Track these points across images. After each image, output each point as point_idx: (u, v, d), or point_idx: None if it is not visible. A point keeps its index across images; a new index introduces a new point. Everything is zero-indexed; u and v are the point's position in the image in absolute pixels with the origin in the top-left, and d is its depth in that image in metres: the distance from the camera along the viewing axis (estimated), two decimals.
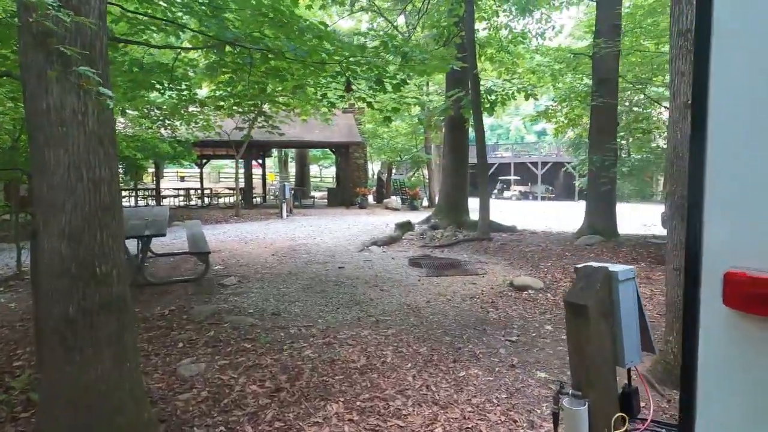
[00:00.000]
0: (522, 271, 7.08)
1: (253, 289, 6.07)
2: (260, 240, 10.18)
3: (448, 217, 10.93)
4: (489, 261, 7.92)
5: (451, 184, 11.18)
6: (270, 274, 6.87)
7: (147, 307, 5.39)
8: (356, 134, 19.80)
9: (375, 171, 30.75)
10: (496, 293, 5.90)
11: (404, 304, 5.49)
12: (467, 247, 9.10)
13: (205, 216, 15.25)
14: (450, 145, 11.23)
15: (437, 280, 6.59)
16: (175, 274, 6.79)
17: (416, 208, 19.43)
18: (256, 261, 7.76)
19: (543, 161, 35.88)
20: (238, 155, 15.63)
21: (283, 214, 15.15)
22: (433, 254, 8.57)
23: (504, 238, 9.72)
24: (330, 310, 5.31)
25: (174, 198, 20.33)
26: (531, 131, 69.06)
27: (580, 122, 11.55)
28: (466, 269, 7.19)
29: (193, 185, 27.66)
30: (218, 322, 4.88)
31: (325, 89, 5.43)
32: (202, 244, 6.37)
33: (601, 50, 8.45)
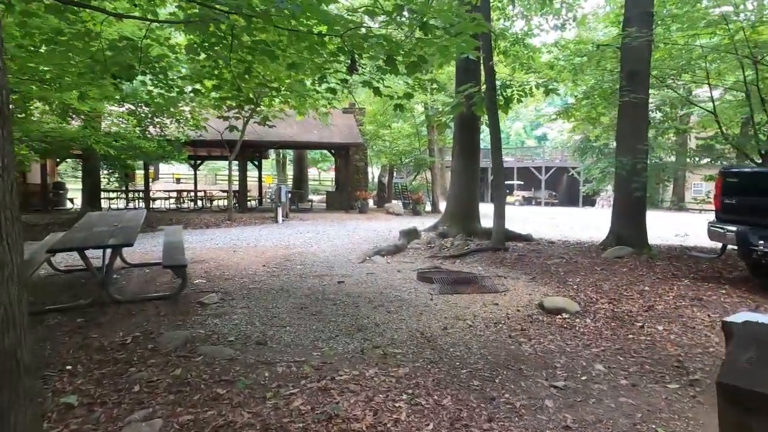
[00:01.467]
0: (548, 289, 6.16)
1: (236, 309, 5.14)
2: (251, 248, 9.25)
3: (458, 224, 10.02)
4: (508, 275, 7.00)
5: (461, 188, 10.27)
6: (258, 290, 5.94)
7: (107, 332, 4.46)
8: (357, 135, 18.91)
9: (376, 174, 29.89)
10: (524, 317, 4.98)
11: (417, 331, 4.57)
12: (481, 259, 8.18)
13: (195, 220, 14.33)
14: (460, 146, 10.33)
15: (452, 299, 5.67)
16: (148, 290, 5.86)
17: (419, 213, 18.52)
18: (243, 273, 6.83)
19: (547, 166, 35.11)
20: (231, 156, 14.73)
21: (278, 219, 14.23)
22: (444, 266, 7.65)
23: (521, 249, 8.80)
24: (327, 337, 4.39)
25: (165, 200, 19.41)
26: (531, 136, 68.33)
27: (600, 122, 10.66)
28: (483, 285, 6.28)
29: (189, 187, 26.74)
30: (189, 354, 3.95)
31: (324, 71, 4.54)
32: (179, 256, 5.45)
33: (633, 39, 7.57)
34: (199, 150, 21.05)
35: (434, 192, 20.23)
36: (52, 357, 3.95)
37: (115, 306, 5.17)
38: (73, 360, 3.88)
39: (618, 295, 5.71)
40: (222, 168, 39.06)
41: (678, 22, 8.30)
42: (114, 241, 4.88)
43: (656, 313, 5.09)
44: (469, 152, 10.30)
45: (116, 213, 7.16)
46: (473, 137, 10.31)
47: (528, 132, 69.52)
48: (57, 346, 4.17)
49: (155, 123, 14.28)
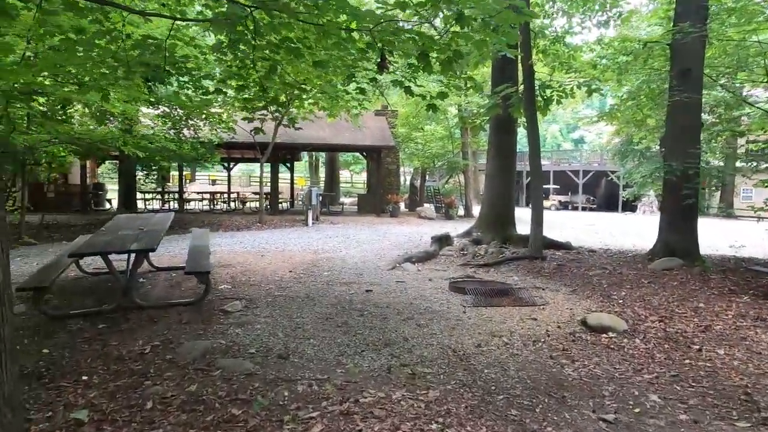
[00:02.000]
0: (591, 303, 5.72)
1: (260, 318, 4.94)
2: (279, 252, 9.10)
3: (492, 230, 9.61)
4: (546, 287, 6.58)
5: (496, 192, 9.86)
6: (283, 298, 5.74)
7: (127, 340, 4.33)
8: (388, 138, 18.66)
9: (408, 177, 29.59)
10: (566, 335, 4.59)
11: (448, 347, 4.25)
12: (517, 268, 7.77)
13: (227, 222, 14.36)
14: (496, 149, 9.92)
15: (487, 312, 5.32)
16: (172, 295, 5.74)
17: (451, 218, 18.12)
18: (270, 279, 6.66)
19: (584, 169, 34.02)
20: (263, 158, 14.71)
21: (308, 222, 14.10)
22: (477, 275, 7.28)
23: (559, 258, 8.33)
24: (352, 352, 4.12)
25: (199, 202, 19.63)
26: (568, 139, 66.64)
27: (646, 124, 10.06)
28: (520, 297, 5.90)
29: (224, 189, 27.05)
30: (207, 368, 3.75)
31: (352, 69, 4.29)
32: (203, 261, 5.30)
33: (685, 35, 7.03)
34: (233, 152, 21.25)
35: (467, 196, 19.78)
36: (70, 366, 3.82)
37: (138, 312, 5.05)
38: (90, 370, 3.74)
39: (669, 313, 5.24)
40: (256, 170, 39.56)
41: (734, 17, 7.69)
42: (137, 245, 4.76)
43: (714, 335, 4.61)
44: (504, 155, 9.89)
45: (144, 216, 7.11)
46: (509, 139, 9.89)
47: (564, 135, 67.85)
48: (76, 354, 4.05)
49: (189, 125, 14.41)
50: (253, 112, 6.51)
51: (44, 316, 4.82)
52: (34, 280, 4.79)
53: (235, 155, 22.17)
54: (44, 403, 3.25)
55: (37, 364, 3.83)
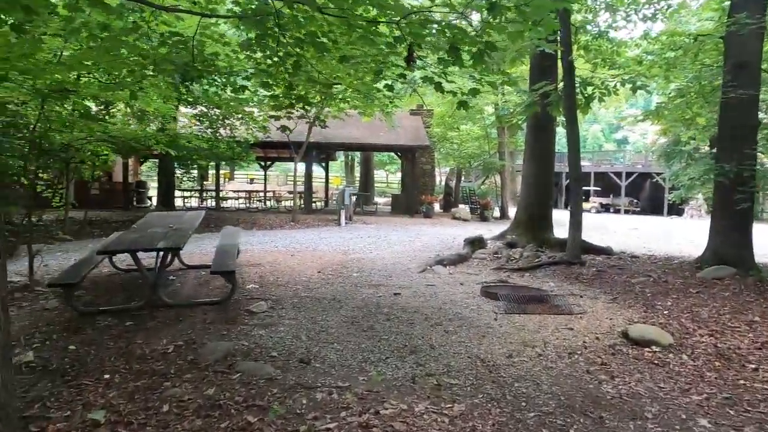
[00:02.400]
0: (633, 313, 5.37)
1: (284, 320, 4.85)
2: (309, 252, 9.04)
3: (528, 233, 9.26)
4: (584, 294, 6.24)
5: (532, 194, 9.50)
6: (310, 299, 5.64)
7: (151, 338, 4.31)
8: (423, 137, 18.43)
9: (443, 177, 29.25)
10: (605, 348, 4.29)
11: (477, 357, 4.03)
12: (553, 273, 7.43)
13: (261, 220, 14.49)
14: (532, 149, 9.57)
15: (520, 320, 5.06)
16: (200, 294, 5.73)
17: (487, 219, 17.73)
18: (297, 279, 6.58)
19: (627, 171, 32.78)
20: (297, 158, 14.76)
21: (341, 222, 14.05)
22: (511, 280, 7.00)
23: (599, 263, 7.93)
24: (376, 359, 3.97)
25: (235, 200, 19.95)
26: (610, 139, 64.48)
27: (696, 123, 9.48)
28: (556, 305, 5.60)
29: (261, 187, 27.38)
30: (227, 370, 3.68)
31: (381, 65, 4.13)
32: (229, 261, 5.26)
33: (741, 27, 6.54)
34: (269, 152, 21.51)
35: (503, 197, 19.32)
36: (93, 364, 3.82)
37: (165, 310, 5.05)
38: (113, 368, 3.73)
39: (720, 326, 4.84)
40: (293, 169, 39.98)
41: None
42: (163, 244, 4.75)
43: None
44: (542, 156, 9.52)
45: (176, 213, 7.18)
46: (547, 140, 9.51)
47: (607, 135, 65.74)
48: (101, 351, 4.06)
49: (225, 125, 14.61)
50: (280, 110, 6.44)
51: (75, 312, 4.88)
52: (64, 276, 4.86)
53: (271, 155, 22.43)
54: (65, 401, 3.23)
55: (63, 361, 3.85)
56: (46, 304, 5.27)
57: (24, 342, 4.25)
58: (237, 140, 14.78)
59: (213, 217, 14.79)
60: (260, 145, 16.37)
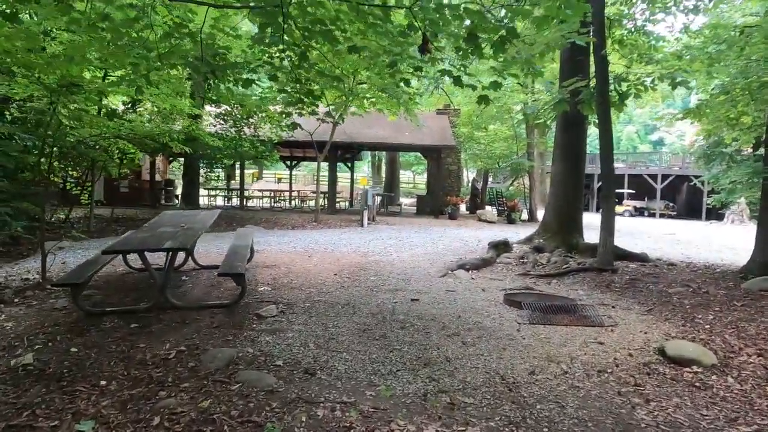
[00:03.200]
0: (670, 327, 4.93)
1: (293, 326, 4.62)
2: (328, 253, 8.83)
3: (557, 237, 8.82)
4: (616, 304, 5.82)
5: (561, 196, 9.05)
6: (322, 304, 5.40)
7: (154, 343, 4.15)
8: (449, 137, 18.04)
9: (469, 178, 28.75)
10: (638, 366, 3.90)
11: (496, 373, 3.71)
12: (583, 280, 7.00)
13: (283, 220, 14.40)
14: (562, 149, 9.11)
15: (544, 332, 4.70)
16: (210, 296, 5.56)
17: (514, 222, 17.22)
18: (312, 282, 6.36)
19: (663, 173, 31.57)
20: (320, 157, 14.61)
21: (363, 223, 13.82)
22: (537, 287, 6.62)
23: (632, 271, 7.45)
24: (386, 371, 3.69)
25: (260, 200, 19.98)
26: (645, 141, 62.49)
27: (742, 123, 8.84)
28: (585, 316, 5.21)
29: (298, 187, 27.38)
30: (228, 380, 3.46)
31: (393, 55, 3.85)
32: (238, 263, 5.06)
33: None
34: (295, 151, 21.49)
35: (532, 199, 18.75)
36: (92, 368, 3.67)
37: (173, 312, 4.89)
38: (111, 374, 3.56)
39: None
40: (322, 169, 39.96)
41: None
42: (170, 244, 4.58)
43: None
44: (572, 156, 9.06)
45: (190, 212, 7.06)
46: (578, 139, 9.04)
47: (641, 136, 63.77)
48: (101, 355, 3.91)
49: (249, 123, 14.59)
50: (292, 107, 6.22)
51: (82, 312, 4.77)
52: (70, 276, 4.75)
53: (297, 154, 22.41)
54: (55, 409, 3.07)
55: (61, 365, 3.71)
56: (56, 303, 5.19)
57: (27, 343, 4.15)
58: (261, 139, 14.75)
59: (237, 216, 14.78)
60: (285, 144, 16.31)
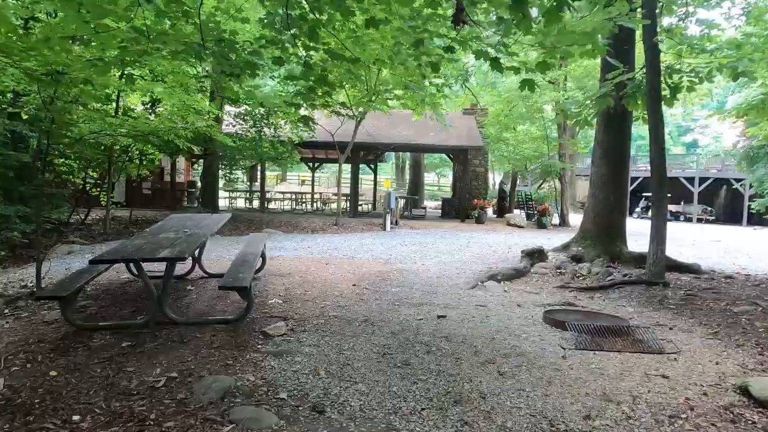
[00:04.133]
0: (745, 356, 4.18)
1: (303, 347, 4.05)
2: (347, 260, 8.26)
3: (597, 245, 8.04)
4: (674, 324, 5.07)
5: (602, 201, 8.27)
6: (338, 320, 4.82)
7: (143, 366, 3.62)
8: (476, 138, 17.32)
9: (497, 181, 27.90)
10: (718, 411, 3.19)
11: (542, 415, 3.05)
12: (630, 295, 6.25)
13: (303, 224, 13.92)
14: (604, 149, 8.33)
15: (595, 360, 4.01)
16: (215, 309, 5.04)
17: (544, 226, 16.38)
18: (328, 294, 5.79)
19: (701, 177, 30.10)
20: (342, 158, 14.09)
21: (386, 227, 13.23)
22: (579, 302, 5.90)
23: (686, 284, 6.65)
24: (409, 410, 3.08)
25: (281, 202, 19.62)
26: (678, 142, 60.32)
27: None
28: (640, 340, 4.49)
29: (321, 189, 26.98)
30: (220, 418, 2.91)
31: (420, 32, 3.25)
32: (243, 274, 4.52)
33: None
34: (317, 152, 21.06)
35: (563, 203, 17.85)
36: (68, 398, 3.16)
37: (171, 328, 4.38)
38: (86, 407, 3.05)
39: None
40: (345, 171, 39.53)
41: None
42: (167, 252, 4.07)
43: None
44: (615, 156, 8.27)
45: (200, 216, 6.59)
46: (622, 138, 8.26)
47: (674, 138, 61.59)
48: (82, 380, 3.40)
49: (269, 123, 14.17)
50: (298, 97, 5.65)
51: (72, 327, 4.30)
52: (58, 288, 4.28)
53: (319, 155, 21.99)
54: None
55: (35, 393, 3.21)
56: (47, 315, 4.74)
57: (3, 364, 3.68)
58: (281, 140, 14.32)
59: (256, 219, 14.37)
60: (307, 145, 15.88)
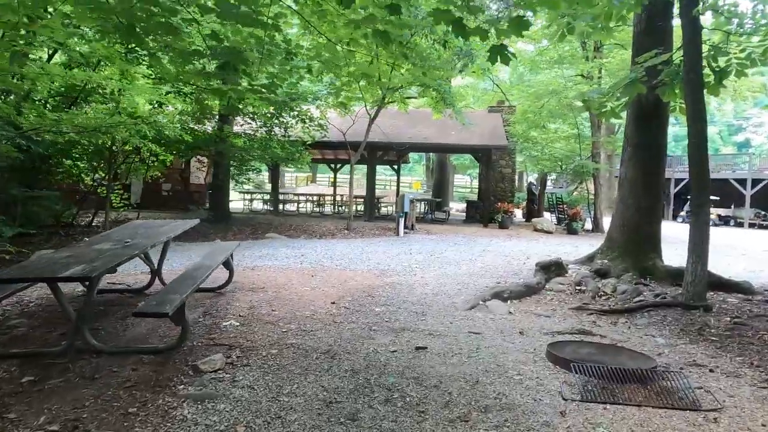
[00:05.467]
0: None
1: (233, 390, 3.26)
2: (338, 271, 7.45)
3: (626, 258, 6.93)
4: (716, 364, 4.01)
5: (632, 206, 7.13)
6: (294, 350, 4.01)
7: (28, 414, 2.92)
8: (501, 137, 16.22)
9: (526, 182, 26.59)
10: None
11: None
12: (662, 321, 5.18)
13: (313, 227, 13.22)
14: (635, 146, 7.20)
15: (605, 420, 3.04)
16: (154, 334, 4.31)
17: (575, 232, 15.15)
18: (297, 315, 4.98)
19: (755, 178, 27.87)
20: (354, 157, 13.33)
21: (399, 231, 12.37)
22: (597, 328, 4.89)
23: (733, 308, 5.51)
24: None
25: (301, 204, 19.05)
26: (728, 142, 56.82)
27: None
28: (669, 389, 3.48)
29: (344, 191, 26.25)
30: None
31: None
32: (178, 294, 3.78)
33: None
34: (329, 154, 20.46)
35: (597, 207, 16.50)
36: None
37: (89, 358, 3.69)
38: None
39: None
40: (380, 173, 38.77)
41: None
42: (71, 272, 3.36)
43: None
44: (647, 155, 7.13)
45: (159, 222, 5.91)
46: (657, 132, 7.11)
47: (724, 138, 58.04)
48: None
49: (280, 123, 13.57)
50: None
51: None
52: None
53: (341, 156, 21.34)
54: None
55: None
56: None
57: None
58: (292, 140, 13.71)
59: (263, 223, 13.79)
60: (321, 145, 15.23)
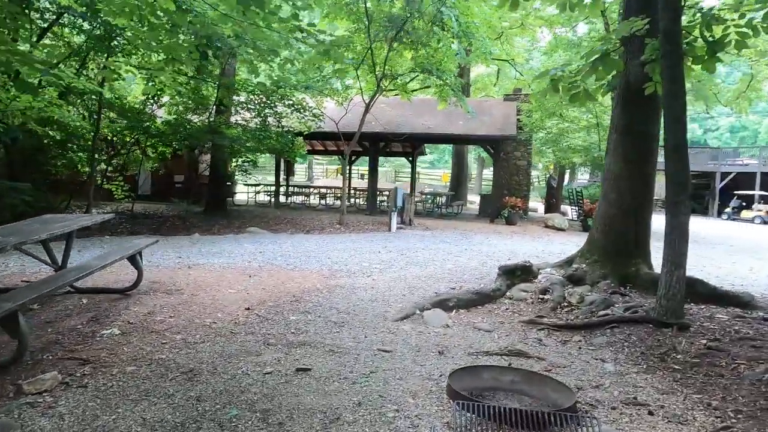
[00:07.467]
0: None
1: (40, 419, 2.76)
2: (283, 271, 6.88)
3: (606, 263, 6.00)
4: (663, 404, 3.17)
5: (615, 203, 6.16)
6: (154, 368, 3.46)
7: None
8: (511, 126, 15.22)
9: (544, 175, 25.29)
10: None
11: None
12: (624, 342, 4.32)
13: (305, 221, 12.74)
14: (621, 132, 6.21)
15: None
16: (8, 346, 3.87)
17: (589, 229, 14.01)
18: (195, 323, 4.44)
19: None
20: (348, 147, 12.74)
21: (391, 227, 11.70)
22: (541, 348, 4.12)
23: (716, 328, 4.55)
24: None
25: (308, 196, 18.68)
26: None
27: None
28: None
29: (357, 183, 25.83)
30: None
31: None
32: (21, 297, 3.31)
33: None
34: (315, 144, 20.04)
35: None
36: None
37: None
38: None
39: None
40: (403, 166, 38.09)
41: None
42: None
43: None
44: (636, 143, 6.14)
45: (65, 217, 5.51)
46: (646, 119, 6.09)
47: None
48: None
49: (274, 113, 13.15)
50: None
51: None
52: None
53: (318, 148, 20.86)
54: None
55: None
56: None
57: None
58: (286, 130, 13.27)
59: (255, 216, 13.43)
60: (316, 136, 14.73)
